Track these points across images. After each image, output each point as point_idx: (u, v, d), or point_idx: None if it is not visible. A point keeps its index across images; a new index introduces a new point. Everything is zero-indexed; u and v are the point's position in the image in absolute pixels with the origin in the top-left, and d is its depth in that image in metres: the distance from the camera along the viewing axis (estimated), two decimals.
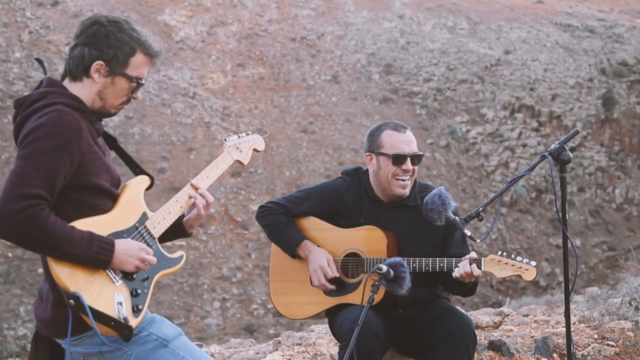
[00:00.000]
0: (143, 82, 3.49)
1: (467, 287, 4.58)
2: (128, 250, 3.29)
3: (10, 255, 33.51)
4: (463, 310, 8.35)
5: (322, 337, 6.86)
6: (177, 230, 3.72)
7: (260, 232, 32.93)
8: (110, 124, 40.48)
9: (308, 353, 6.54)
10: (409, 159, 4.66)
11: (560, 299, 9.63)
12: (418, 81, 47.84)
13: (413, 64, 49.05)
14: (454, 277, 4.43)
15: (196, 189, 3.69)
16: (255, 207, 36.37)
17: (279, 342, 7.03)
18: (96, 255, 3.20)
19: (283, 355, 6.58)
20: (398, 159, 4.64)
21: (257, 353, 7.16)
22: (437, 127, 45.08)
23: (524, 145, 44.23)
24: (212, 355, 7.38)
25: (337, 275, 4.64)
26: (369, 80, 47.91)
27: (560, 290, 10.46)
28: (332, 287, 4.65)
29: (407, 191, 4.68)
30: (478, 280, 4.62)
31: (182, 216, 3.72)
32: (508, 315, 7.44)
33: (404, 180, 4.65)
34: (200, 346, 8.27)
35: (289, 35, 50.89)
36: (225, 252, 36.10)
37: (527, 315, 7.87)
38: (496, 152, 43.90)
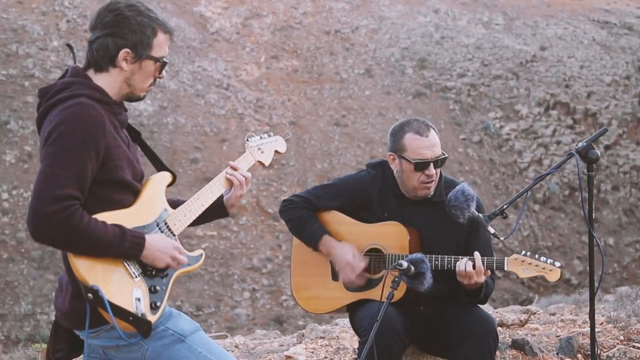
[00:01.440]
0: (167, 60, 3.48)
1: (475, 297, 4.50)
2: (162, 248, 3.30)
3: None
4: (491, 307, 8.30)
5: (346, 331, 6.85)
6: (218, 211, 3.73)
7: None
8: (144, 114, 40.80)
9: (331, 347, 6.54)
10: (431, 164, 4.56)
11: (585, 298, 9.52)
12: (452, 76, 47.57)
13: (447, 59, 48.78)
14: (458, 279, 4.39)
15: (235, 169, 3.73)
16: None
17: (303, 335, 7.03)
18: (128, 250, 3.20)
19: (306, 348, 6.58)
20: (420, 166, 4.55)
21: (282, 345, 7.16)
22: (471, 123, 44.81)
23: (558, 143, 43.81)
24: (237, 346, 7.40)
25: (364, 266, 4.61)
26: (402, 74, 47.73)
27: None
28: (361, 282, 4.62)
29: (431, 191, 4.62)
30: (487, 292, 4.55)
31: (222, 196, 3.75)
32: (535, 313, 7.36)
33: (428, 183, 4.59)
34: (225, 337, 8.29)
35: (323, 28, 50.85)
36: (256, 243, 36.24)
37: (554, 314, 7.78)
38: (530, 148, 43.54)
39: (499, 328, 6.62)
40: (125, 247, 3.19)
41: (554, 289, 34.81)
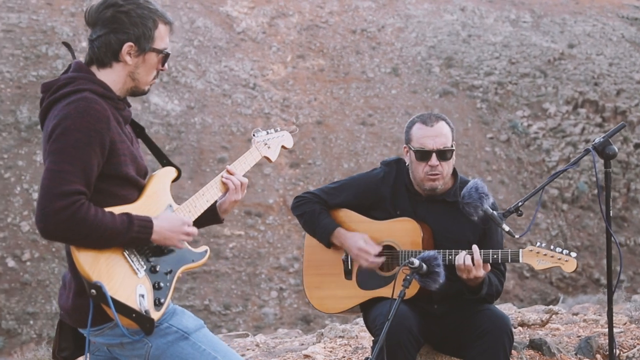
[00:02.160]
0: (169, 52, 3.44)
1: (476, 293, 4.44)
2: (171, 227, 3.29)
3: None
4: (515, 306, 8.21)
5: (365, 331, 6.83)
6: (210, 217, 3.68)
7: None
8: (172, 114, 40.99)
9: (350, 346, 6.52)
10: (434, 155, 4.49)
11: (613, 298, 9.39)
12: (479, 75, 47.30)
13: (474, 57, 48.51)
14: (457, 274, 4.34)
15: (232, 174, 3.68)
16: None
17: (322, 334, 7.02)
18: (137, 235, 3.19)
19: (325, 347, 6.57)
20: (421, 155, 4.51)
21: (302, 344, 7.16)
22: (498, 122, 44.53)
23: (587, 141, 43.35)
24: (257, 345, 7.40)
25: (380, 249, 4.56)
26: (429, 73, 47.54)
27: (617, 289, 10.22)
28: (382, 259, 4.56)
29: (438, 184, 4.54)
30: (490, 291, 4.49)
31: (215, 202, 3.68)
32: (557, 313, 7.30)
33: (434, 174, 4.53)
34: (247, 336, 8.29)
35: (349, 27, 50.79)
36: (283, 243, 36.27)
37: (576, 314, 7.70)
38: (558, 147, 43.14)
39: (519, 328, 6.56)
40: (134, 231, 3.18)
41: (582, 288, 34.50)
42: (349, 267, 4.69)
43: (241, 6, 50.59)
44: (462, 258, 4.29)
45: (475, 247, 4.30)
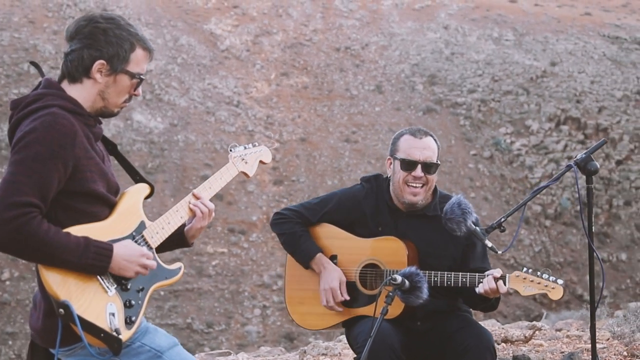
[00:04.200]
0: (144, 77, 3.39)
1: (489, 302, 4.45)
2: (128, 257, 3.19)
3: None
4: (498, 323, 8.20)
5: (349, 348, 6.78)
6: (178, 241, 3.60)
7: None
8: (155, 131, 40.91)
9: None
10: (419, 166, 4.50)
11: (596, 314, 9.41)
12: (462, 92, 47.49)
13: (457, 75, 48.71)
14: (478, 293, 4.30)
15: (197, 198, 3.59)
16: None
17: (305, 352, 6.98)
18: (93, 262, 3.09)
19: None
20: (407, 165, 4.51)
21: None
22: (481, 139, 44.69)
23: (570, 158, 43.51)
24: None
25: (347, 299, 4.54)
26: (412, 90, 47.68)
27: (599, 304, 10.22)
28: (340, 309, 4.56)
29: (418, 199, 4.54)
30: (500, 296, 4.49)
31: (184, 226, 3.61)
32: (540, 329, 7.30)
33: (415, 187, 4.51)
34: (229, 354, 8.23)
35: (333, 45, 50.90)
36: (266, 260, 36.17)
37: (560, 330, 7.70)
38: (541, 164, 43.33)
39: (502, 344, 6.55)
40: (90, 257, 3.08)
41: (566, 304, 34.56)
42: (320, 288, 4.64)
43: (225, 24, 50.64)
44: (487, 285, 4.21)
45: (489, 278, 4.23)
